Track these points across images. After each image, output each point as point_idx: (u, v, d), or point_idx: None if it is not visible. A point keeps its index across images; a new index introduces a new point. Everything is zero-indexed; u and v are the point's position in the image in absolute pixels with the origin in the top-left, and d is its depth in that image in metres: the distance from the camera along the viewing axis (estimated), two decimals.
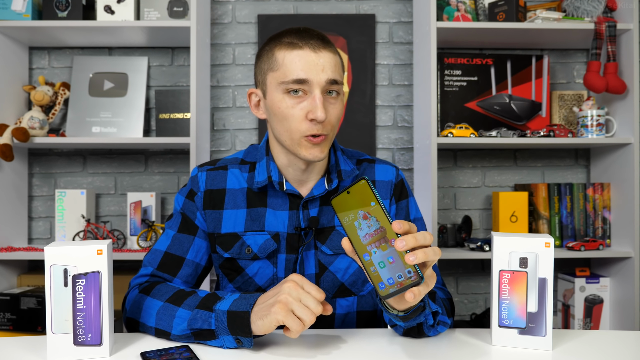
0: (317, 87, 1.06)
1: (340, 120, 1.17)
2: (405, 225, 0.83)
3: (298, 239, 1.15)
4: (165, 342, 1.01)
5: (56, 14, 2.07)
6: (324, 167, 1.19)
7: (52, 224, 2.33)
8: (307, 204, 1.17)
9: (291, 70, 1.06)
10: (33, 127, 2.08)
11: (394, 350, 0.97)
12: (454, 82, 2.23)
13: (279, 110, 1.09)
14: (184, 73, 2.34)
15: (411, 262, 0.80)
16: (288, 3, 2.35)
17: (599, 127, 2.12)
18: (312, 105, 1.06)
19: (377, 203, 0.84)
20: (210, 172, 1.21)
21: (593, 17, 2.10)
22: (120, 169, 2.33)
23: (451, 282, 2.38)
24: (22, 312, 2.01)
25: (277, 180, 1.15)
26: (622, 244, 2.14)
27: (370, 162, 1.26)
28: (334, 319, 1.18)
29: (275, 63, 1.08)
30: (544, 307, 0.97)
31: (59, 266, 0.90)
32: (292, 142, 1.09)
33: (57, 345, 0.90)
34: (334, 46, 1.12)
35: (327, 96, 1.09)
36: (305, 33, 1.09)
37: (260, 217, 1.17)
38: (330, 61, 1.08)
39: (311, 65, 1.06)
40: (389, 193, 1.23)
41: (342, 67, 1.13)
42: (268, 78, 1.11)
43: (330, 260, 1.16)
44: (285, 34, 1.10)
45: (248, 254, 1.15)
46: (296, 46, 1.07)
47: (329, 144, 1.12)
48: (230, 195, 1.19)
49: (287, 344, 1.00)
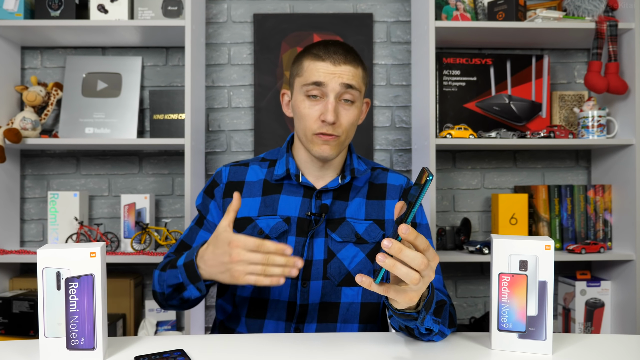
0: (332, 92, 1.19)
1: (355, 126, 1.27)
2: (410, 236, 0.81)
3: (308, 223, 1.24)
4: (159, 346, 1.01)
5: (49, 13, 2.05)
6: (339, 166, 1.31)
7: (44, 226, 2.30)
8: (321, 195, 1.28)
9: (311, 75, 1.20)
10: (25, 128, 2.06)
11: (393, 353, 0.97)
12: (452, 82, 2.20)
13: (299, 110, 1.23)
14: (179, 73, 2.31)
15: (377, 260, 0.80)
16: (284, 2, 2.32)
17: (600, 128, 2.10)
18: (325, 108, 1.20)
19: (416, 200, 0.80)
20: (233, 167, 1.35)
21: (594, 17, 2.08)
22: (114, 170, 2.31)
23: (450, 286, 2.36)
24: (14, 316, 1.99)
25: (294, 172, 1.28)
26: (624, 247, 2.11)
27: (384, 170, 1.37)
28: (338, 307, 1.22)
29: (301, 69, 1.23)
30: (544, 310, 0.96)
31: (51, 269, 0.90)
32: (306, 139, 1.23)
33: (50, 349, 0.91)
34: (359, 60, 1.24)
35: (342, 102, 1.22)
36: (332, 47, 1.22)
37: (274, 203, 1.27)
38: (349, 72, 1.20)
39: (329, 73, 1.19)
40: (398, 195, 1.32)
41: (363, 78, 1.25)
42: (295, 82, 1.26)
43: (339, 247, 1.23)
44: (316, 45, 1.24)
45: (260, 235, 1.23)
46: (320, 58, 1.20)
47: (340, 146, 1.24)
48: (248, 186, 1.31)
49: (286, 346, 0.99)
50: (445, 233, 2.18)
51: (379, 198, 1.30)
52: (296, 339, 1.05)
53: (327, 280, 1.22)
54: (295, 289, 1.21)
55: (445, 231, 2.18)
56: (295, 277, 1.21)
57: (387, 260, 0.80)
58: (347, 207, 1.27)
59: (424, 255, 0.82)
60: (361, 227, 1.25)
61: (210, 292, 2.27)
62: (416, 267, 0.81)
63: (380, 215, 1.28)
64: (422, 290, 0.86)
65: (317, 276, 1.21)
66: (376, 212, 1.28)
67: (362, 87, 1.25)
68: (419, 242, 0.82)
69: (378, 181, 1.33)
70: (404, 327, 1.02)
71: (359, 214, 1.27)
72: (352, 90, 1.21)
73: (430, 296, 0.95)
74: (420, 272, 0.82)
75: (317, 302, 1.21)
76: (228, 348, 1.00)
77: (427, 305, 0.94)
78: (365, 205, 1.28)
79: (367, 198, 1.29)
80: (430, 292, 0.95)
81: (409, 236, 0.80)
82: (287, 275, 0.99)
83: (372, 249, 1.25)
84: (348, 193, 1.29)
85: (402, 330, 1.05)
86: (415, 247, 0.82)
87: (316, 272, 1.22)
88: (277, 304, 1.22)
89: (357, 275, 0.84)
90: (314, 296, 1.21)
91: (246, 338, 1.06)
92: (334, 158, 1.25)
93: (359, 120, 1.28)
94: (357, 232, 1.24)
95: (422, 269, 0.81)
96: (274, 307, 1.22)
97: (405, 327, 1.02)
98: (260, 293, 1.23)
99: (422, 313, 0.94)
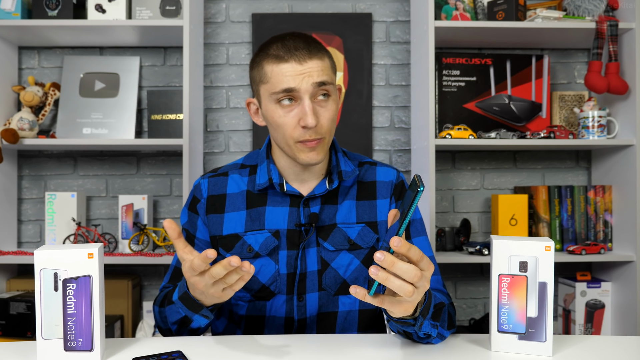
0: (306, 94, 1.10)
1: (336, 120, 1.19)
2: (402, 249, 0.79)
3: (299, 235, 1.18)
4: (157, 347, 1.01)
5: (46, 13, 2.04)
6: (324, 168, 1.23)
7: (42, 227, 2.29)
8: (308, 202, 1.20)
9: (279, 82, 1.10)
10: (22, 128, 2.05)
11: (391, 355, 0.96)
12: (452, 82, 2.19)
13: (272, 119, 1.14)
14: (177, 73, 2.30)
15: (370, 273, 0.79)
16: (283, 2, 2.31)
17: (601, 129, 2.09)
18: (302, 113, 1.10)
19: (407, 212, 0.78)
20: (211, 178, 1.26)
21: (594, 16, 2.08)
22: (112, 171, 2.30)
23: (450, 287, 2.35)
24: (11, 317, 1.99)
25: (277, 182, 1.20)
26: (624, 248, 2.10)
27: (371, 165, 1.29)
28: (336, 317, 1.20)
29: (265, 76, 1.13)
30: (544, 312, 0.95)
31: (49, 270, 0.89)
32: (289, 148, 1.14)
33: (48, 350, 0.90)
34: (323, 50, 1.14)
35: (318, 100, 1.12)
36: (291, 42, 1.11)
37: (260, 217, 1.20)
38: (317, 67, 1.11)
39: (297, 74, 1.09)
40: (389, 193, 1.26)
41: (331, 68, 1.16)
42: (261, 90, 1.16)
43: (332, 256, 1.19)
44: (272, 44, 1.13)
45: (249, 253, 1.18)
46: (282, 59, 1.10)
47: (326, 147, 1.15)
48: (230, 200, 1.23)
49: (285, 348, 0.99)
50: (444, 234, 2.17)
51: (370, 198, 1.24)
52: (295, 341, 1.05)
53: (324, 292, 1.18)
54: (292, 304, 1.18)
55: (444, 232, 2.17)
56: (291, 292, 1.17)
57: (380, 273, 0.79)
58: (337, 212, 1.21)
59: (417, 267, 0.80)
60: (353, 231, 1.20)
61: None
62: (409, 280, 0.79)
63: (372, 217, 1.23)
64: (417, 301, 0.84)
65: (313, 288, 1.18)
66: (367, 214, 1.22)
67: (334, 78, 1.16)
68: (412, 254, 0.80)
69: (367, 179, 1.26)
70: (402, 332, 1.01)
71: (350, 218, 1.21)
72: (325, 86, 1.11)
73: (428, 302, 0.93)
74: (414, 284, 0.80)
75: (314, 315, 1.18)
76: (227, 349, 0.99)
77: (425, 311, 0.93)
78: (355, 207, 1.22)
79: (357, 199, 1.23)
80: (427, 298, 0.93)
81: (402, 249, 0.78)
82: (247, 278, 0.92)
83: (367, 254, 1.21)
84: (337, 196, 1.22)
85: (401, 334, 1.04)
86: (408, 258, 0.81)
87: (311, 284, 1.18)
88: (275, 320, 1.19)
89: (351, 287, 0.82)
90: (311, 309, 1.18)
91: (245, 339, 1.06)
92: (321, 162, 1.18)
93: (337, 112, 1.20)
94: (349, 237, 1.19)
95: (416, 281, 0.80)
96: (270, 324, 1.19)
97: (403, 332, 1.01)
98: (256, 311, 1.20)
99: (420, 319, 0.92)
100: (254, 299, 1.19)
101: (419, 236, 1.25)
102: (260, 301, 1.18)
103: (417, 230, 1.25)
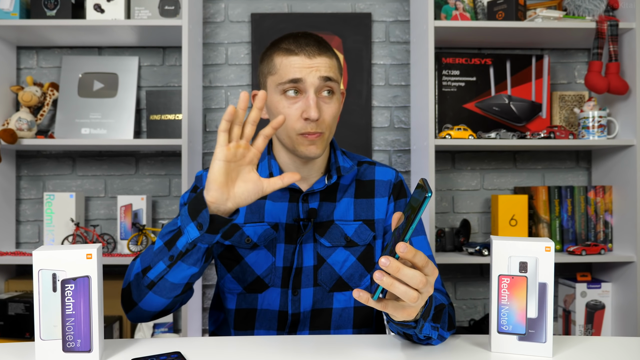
0: (311, 87, 1.13)
1: (337, 120, 1.22)
2: (408, 254, 0.78)
3: (297, 229, 1.20)
4: (156, 348, 1.00)
5: (44, 13, 2.04)
6: (324, 165, 1.25)
7: (40, 227, 2.28)
8: (307, 198, 1.22)
9: (287, 73, 1.13)
10: (21, 128, 2.04)
11: (390, 356, 0.96)
12: (452, 82, 2.19)
13: (276, 110, 1.16)
14: (176, 73, 2.30)
15: (375, 278, 0.78)
16: (282, 1, 2.31)
17: (601, 129, 2.09)
18: (306, 105, 1.12)
19: (414, 215, 0.78)
20: None
21: (594, 16, 2.07)
22: (110, 171, 2.29)
23: (449, 288, 2.34)
24: (9, 318, 1.98)
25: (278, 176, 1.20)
26: (624, 249, 2.10)
27: (370, 164, 1.31)
28: (331, 313, 1.20)
29: (274, 67, 1.16)
30: (544, 312, 0.95)
31: (47, 271, 0.89)
32: (290, 140, 1.16)
33: (46, 351, 0.90)
34: (332, 50, 1.18)
35: (322, 96, 1.15)
36: (303, 39, 1.15)
37: (259, 209, 1.22)
38: (325, 63, 1.14)
39: (305, 67, 1.13)
40: (387, 192, 1.27)
41: (338, 68, 1.19)
42: (268, 81, 1.18)
43: (329, 252, 1.20)
44: (284, 39, 1.17)
45: (247, 244, 1.20)
46: (292, 52, 1.14)
47: (325, 142, 1.18)
48: None
49: (282, 349, 0.98)
50: (444, 234, 2.17)
51: (368, 196, 1.26)
52: (292, 342, 1.04)
53: (319, 287, 1.19)
54: (286, 298, 1.18)
55: (444, 232, 2.17)
56: (286, 286, 1.18)
57: (385, 278, 0.78)
58: (335, 209, 1.23)
59: (422, 274, 0.79)
60: (350, 229, 1.22)
61: (207, 295, 2.25)
62: (415, 286, 0.79)
63: (370, 215, 1.24)
64: (420, 306, 0.84)
65: (308, 283, 1.19)
66: (365, 211, 1.24)
67: (339, 78, 1.20)
68: (417, 260, 0.79)
69: (365, 177, 1.28)
70: (402, 333, 1.00)
71: (347, 215, 1.23)
72: (330, 82, 1.14)
73: (429, 304, 0.93)
74: (419, 290, 0.80)
75: (308, 310, 1.19)
76: (225, 350, 0.99)
77: (425, 314, 0.92)
78: (353, 205, 1.24)
79: (355, 197, 1.25)
80: (428, 302, 0.93)
81: (407, 254, 0.78)
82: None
83: (363, 251, 1.22)
84: (335, 193, 1.24)
85: (400, 335, 1.03)
86: (413, 264, 0.80)
87: (307, 279, 1.19)
88: (267, 314, 1.19)
89: (354, 290, 0.82)
90: (306, 304, 1.19)
91: (243, 340, 1.05)
92: (320, 156, 1.20)
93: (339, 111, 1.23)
94: (346, 234, 1.21)
95: (421, 287, 0.79)
96: (262, 317, 1.19)
97: (403, 333, 1.00)
98: (246, 304, 1.20)
99: (420, 322, 0.92)
100: (245, 292, 1.20)
101: (417, 235, 1.25)
102: (251, 294, 1.20)
103: (415, 230, 1.25)
